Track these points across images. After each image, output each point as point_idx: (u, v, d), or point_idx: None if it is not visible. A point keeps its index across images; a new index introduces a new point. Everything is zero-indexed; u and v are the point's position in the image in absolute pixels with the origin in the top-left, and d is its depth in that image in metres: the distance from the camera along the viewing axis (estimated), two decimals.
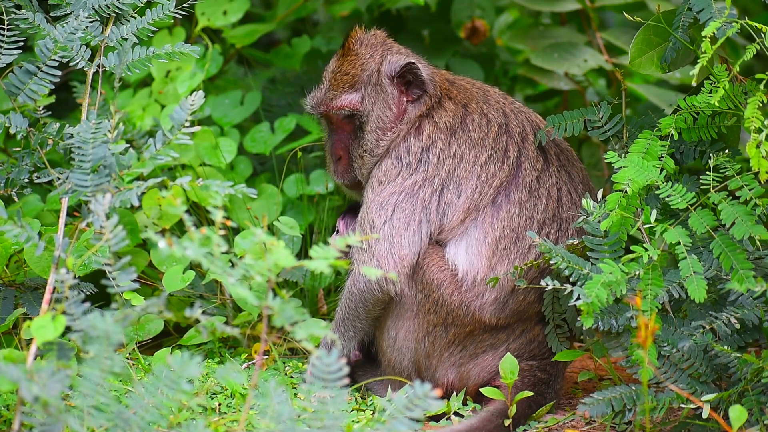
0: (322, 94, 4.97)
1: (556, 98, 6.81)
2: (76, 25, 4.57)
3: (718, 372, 4.37)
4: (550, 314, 4.78)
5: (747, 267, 4.25)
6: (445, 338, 4.79)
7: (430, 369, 4.83)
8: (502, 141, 4.83)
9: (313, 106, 4.99)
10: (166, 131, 4.26)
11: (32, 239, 4.15)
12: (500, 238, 4.74)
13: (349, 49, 4.95)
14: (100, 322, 3.70)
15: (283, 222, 5.19)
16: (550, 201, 4.80)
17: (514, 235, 4.75)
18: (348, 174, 5.00)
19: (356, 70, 4.91)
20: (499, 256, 4.74)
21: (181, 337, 5.26)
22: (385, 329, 4.86)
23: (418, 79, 4.87)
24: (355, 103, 4.90)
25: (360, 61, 4.92)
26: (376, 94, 4.89)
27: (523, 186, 4.79)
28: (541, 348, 4.82)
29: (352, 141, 4.95)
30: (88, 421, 3.67)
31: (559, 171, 4.87)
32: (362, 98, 4.90)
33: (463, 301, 4.74)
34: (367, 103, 4.89)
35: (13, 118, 4.57)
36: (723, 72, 4.36)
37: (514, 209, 4.77)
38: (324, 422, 3.66)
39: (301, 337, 3.69)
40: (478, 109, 4.89)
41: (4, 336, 4.89)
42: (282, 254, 3.71)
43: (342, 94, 4.92)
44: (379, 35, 5.00)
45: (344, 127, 4.97)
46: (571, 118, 4.81)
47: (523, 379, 4.77)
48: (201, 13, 5.95)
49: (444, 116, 4.86)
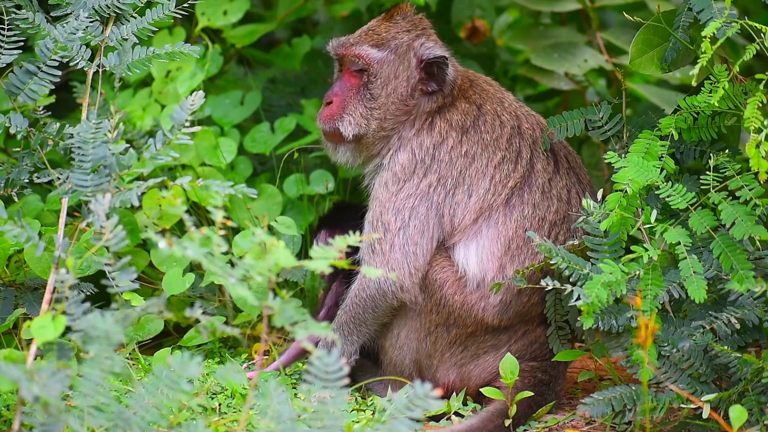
0: (346, 39, 4.96)
1: (556, 98, 6.81)
2: (76, 25, 4.57)
3: (718, 372, 4.37)
4: (552, 316, 4.78)
5: (747, 267, 4.25)
6: (447, 338, 4.79)
7: (431, 369, 4.83)
8: (516, 143, 4.85)
9: (334, 45, 4.98)
10: (166, 131, 4.26)
11: (32, 239, 4.14)
12: (512, 238, 4.75)
13: (392, 16, 4.95)
14: (100, 322, 3.70)
15: (281, 222, 5.19)
16: (561, 203, 4.82)
17: (523, 238, 4.76)
18: (332, 121, 4.92)
19: (388, 35, 4.91)
20: (511, 257, 4.74)
21: (181, 337, 5.26)
22: (387, 328, 4.86)
23: (442, 75, 4.87)
24: (372, 58, 4.88)
25: (395, 30, 4.92)
26: (397, 64, 4.88)
27: (536, 187, 4.80)
28: (543, 349, 4.82)
29: (353, 94, 4.91)
30: (88, 421, 3.67)
31: (569, 173, 4.89)
32: (382, 59, 4.88)
33: (465, 301, 4.74)
34: (384, 66, 4.88)
35: (13, 118, 4.57)
36: (723, 72, 4.36)
37: (527, 210, 4.78)
38: (324, 422, 3.66)
39: (301, 337, 3.69)
40: (492, 110, 4.90)
41: (4, 336, 4.89)
42: (282, 254, 3.71)
43: (365, 45, 4.90)
44: (424, 20, 5.00)
45: (352, 79, 4.93)
46: (571, 119, 4.81)
47: (524, 379, 4.77)
48: (201, 13, 5.94)
49: (456, 115, 4.86)
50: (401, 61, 4.88)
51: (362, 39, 4.92)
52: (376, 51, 4.88)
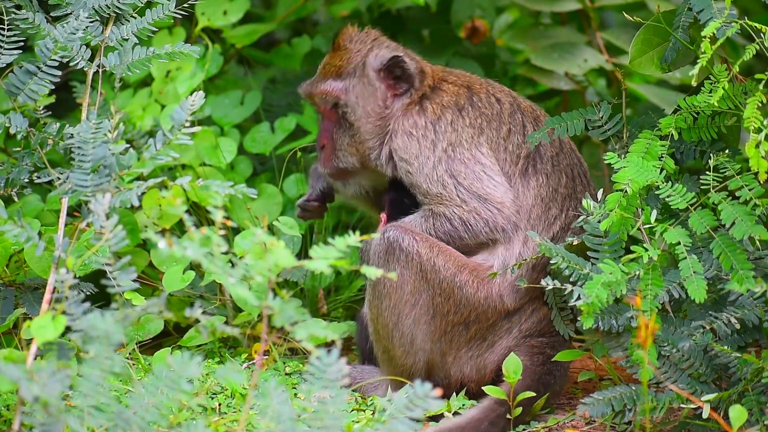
0: (309, 82, 5.08)
1: (556, 98, 6.81)
2: (76, 25, 4.57)
3: (718, 372, 4.37)
4: (552, 299, 4.78)
5: (747, 267, 4.24)
6: (466, 336, 4.78)
7: (445, 366, 4.81)
8: (518, 117, 4.89)
9: (302, 90, 5.11)
10: (166, 131, 4.26)
11: (32, 239, 4.14)
12: (533, 207, 4.77)
13: (339, 45, 5.05)
14: (100, 322, 3.70)
15: (283, 222, 5.19)
16: (568, 179, 4.86)
17: (543, 205, 4.79)
18: (330, 163, 5.05)
19: (343, 63, 5.01)
20: (532, 226, 4.77)
21: (181, 337, 5.26)
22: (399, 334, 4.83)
23: (406, 73, 4.93)
24: (337, 90, 4.98)
25: (348, 55, 5.01)
26: (362, 86, 4.97)
27: (546, 159, 4.85)
28: (550, 325, 4.83)
29: (337, 130, 5.02)
30: (88, 421, 3.66)
31: (571, 154, 4.94)
32: (346, 88, 4.98)
33: (489, 295, 4.74)
34: (351, 93, 4.97)
35: (13, 118, 4.57)
36: (723, 72, 4.36)
37: (542, 179, 4.82)
38: (324, 422, 3.66)
39: (301, 337, 3.69)
40: (483, 90, 4.95)
41: (4, 336, 4.89)
42: (282, 254, 3.71)
43: (327, 80, 5.01)
44: (372, 33, 5.09)
45: (330, 116, 5.04)
46: (571, 119, 4.82)
47: (533, 357, 4.76)
48: (201, 13, 5.94)
49: (446, 96, 4.91)
50: (363, 81, 4.97)
51: (323, 75, 5.04)
52: (339, 82, 4.99)
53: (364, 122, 4.96)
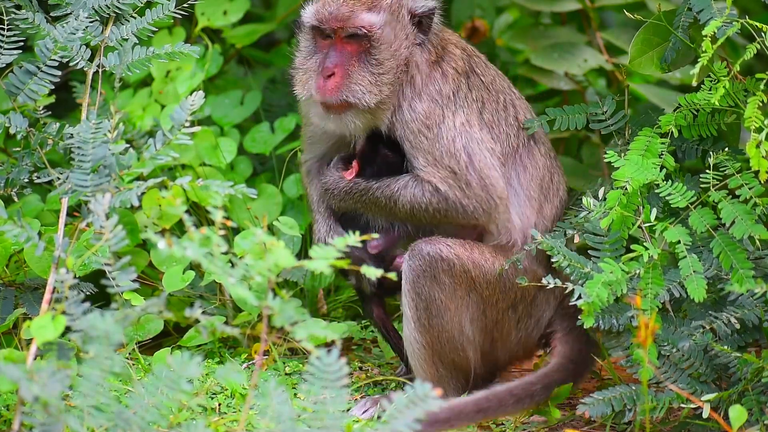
0: (336, 8, 4.72)
1: (556, 98, 6.81)
2: (76, 25, 4.57)
3: (718, 372, 4.37)
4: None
5: (747, 267, 4.25)
6: (515, 317, 4.77)
7: (495, 352, 4.81)
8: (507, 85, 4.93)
9: (324, 18, 4.71)
10: (166, 131, 4.26)
11: (32, 239, 4.15)
12: (543, 177, 4.81)
13: None
14: (100, 322, 3.70)
15: (283, 222, 5.18)
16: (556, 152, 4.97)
17: (549, 174, 4.84)
18: (337, 92, 4.68)
19: None
20: (545, 197, 4.81)
21: (181, 337, 5.26)
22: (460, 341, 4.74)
23: (428, 25, 4.78)
24: (373, 24, 4.68)
25: None
26: (394, 24, 4.72)
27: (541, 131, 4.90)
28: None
29: (355, 63, 4.71)
30: (88, 421, 3.67)
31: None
32: (381, 23, 4.69)
33: (524, 271, 4.73)
34: (385, 29, 4.70)
35: (13, 118, 4.57)
36: (723, 70, 4.36)
37: (544, 148, 4.87)
38: (324, 422, 3.66)
39: (300, 337, 3.69)
40: (474, 51, 4.94)
41: (4, 336, 4.89)
42: (282, 254, 3.71)
43: (361, 12, 4.70)
44: None
45: (347, 47, 4.73)
46: (573, 113, 4.83)
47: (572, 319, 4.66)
48: (201, 13, 5.95)
49: (459, 61, 4.83)
50: (397, 21, 4.73)
51: (355, 7, 4.70)
52: (374, 15, 4.69)
53: (391, 63, 4.71)
